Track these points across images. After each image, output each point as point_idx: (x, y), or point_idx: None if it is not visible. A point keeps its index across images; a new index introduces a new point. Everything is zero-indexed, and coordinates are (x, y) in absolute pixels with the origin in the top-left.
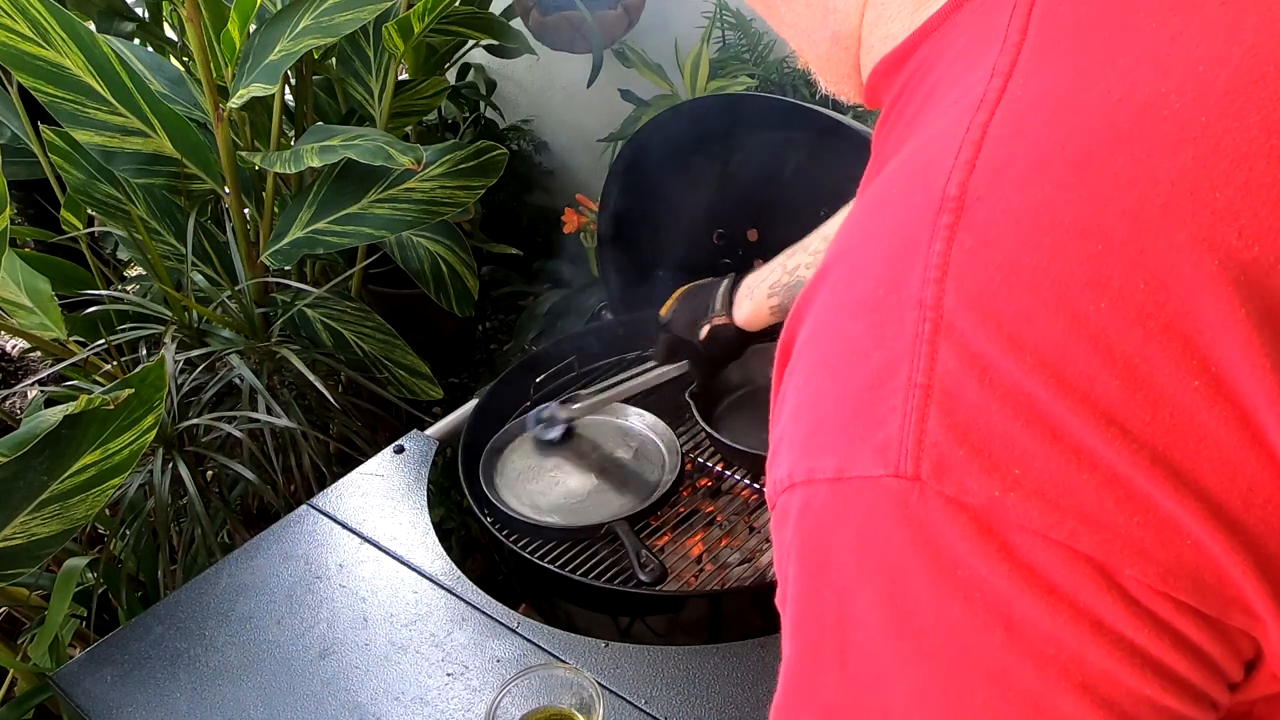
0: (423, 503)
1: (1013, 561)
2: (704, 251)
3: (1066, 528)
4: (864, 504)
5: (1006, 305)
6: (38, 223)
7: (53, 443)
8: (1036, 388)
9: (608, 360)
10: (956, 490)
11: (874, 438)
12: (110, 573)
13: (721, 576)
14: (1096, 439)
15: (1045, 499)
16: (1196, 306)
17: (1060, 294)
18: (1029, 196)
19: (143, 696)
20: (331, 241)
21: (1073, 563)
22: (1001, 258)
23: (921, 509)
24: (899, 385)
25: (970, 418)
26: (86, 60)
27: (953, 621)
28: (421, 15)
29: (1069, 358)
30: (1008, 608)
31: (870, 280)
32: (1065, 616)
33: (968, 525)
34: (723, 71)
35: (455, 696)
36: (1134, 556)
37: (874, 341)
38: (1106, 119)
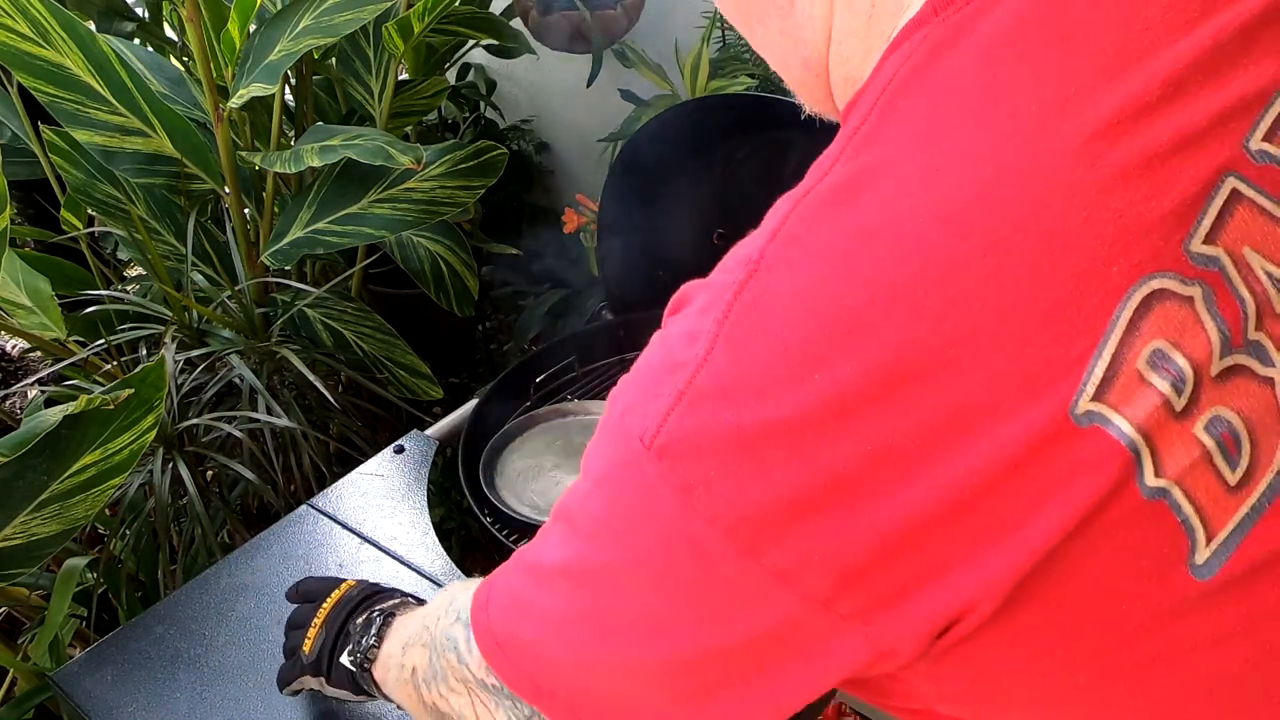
0: (423, 503)
1: (683, 530)
2: (704, 251)
3: (729, 521)
4: (620, 445)
5: (750, 360)
6: (38, 223)
7: (53, 443)
8: (748, 428)
9: (608, 360)
10: (666, 470)
11: (647, 407)
12: (110, 573)
13: None
14: (774, 470)
15: (721, 498)
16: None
17: (788, 362)
18: (796, 275)
19: (143, 696)
20: (331, 241)
21: (724, 546)
22: (760, 320)
23: (641, 471)
24: (673, 381)
25: (695, 426)
26: (86, 60)
27: (634, 544)
28: (421, 15)
29: (772, 417)
30: (669, 560)
31: (702, 302)
32: (708, 585)
33: (664, 496)
34: (723, 71)
35: None
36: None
37: (680, 344)
38: (868, 221)
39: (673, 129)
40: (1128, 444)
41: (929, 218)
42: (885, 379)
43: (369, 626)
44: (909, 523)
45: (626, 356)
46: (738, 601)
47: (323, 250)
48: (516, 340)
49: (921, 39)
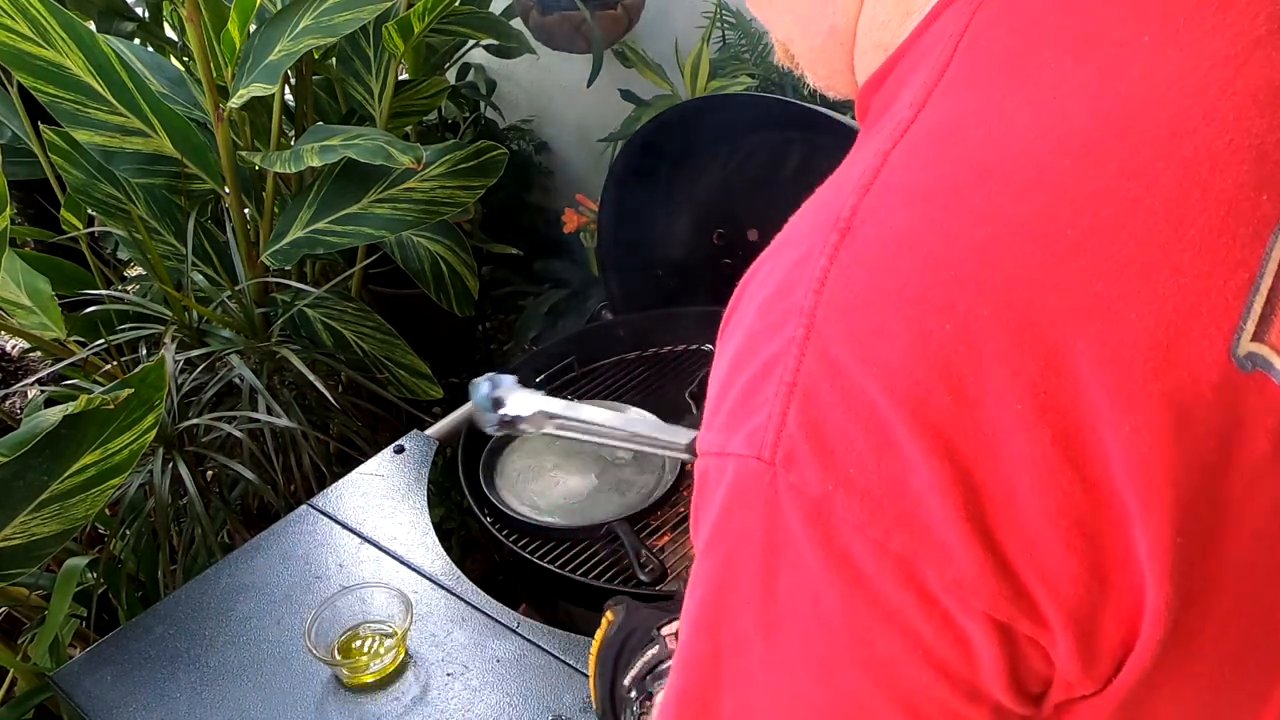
0: (423, 503)
1: (830, 548)
2: (704, 251)
3: (881, 527)
4: (732, 477)
5: (864, 319)
6: (38, 223)
7: (53, 443)
8: (878, 397)
9: (607, 360)
10: (799, 480)
11: (749, 424)
12: (110, 573)
13: None
14: (921, 451)
15: (869, 499)
16: (1031, 336)
17: (911, 314)
18: (900, 223)
19: (143, 696)
20: (331, 241)
21: (883, 559)
22: (867, 276)
23: (771, 490)
24: (774, 380)
25: (820, 417)
26: (86, 60)
27: (776, 589)
28: (421, 15)
29: (909, 372)
30: (819, 587)
31: (775, 283)
32: (866, 605)
33: (803, 511)
34: (723, 71)
35: (455, 696)
36: (937, 562)
37: (765, 338)
38: (980, 156)
39: (672, 129)
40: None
41: (1051, 148)
42: (1026, 322)
43: (629, 709)
44: (1067, 501)
45: (626, 356)
46: (898, 633)
47: (323, 250)
48: (516, 340)
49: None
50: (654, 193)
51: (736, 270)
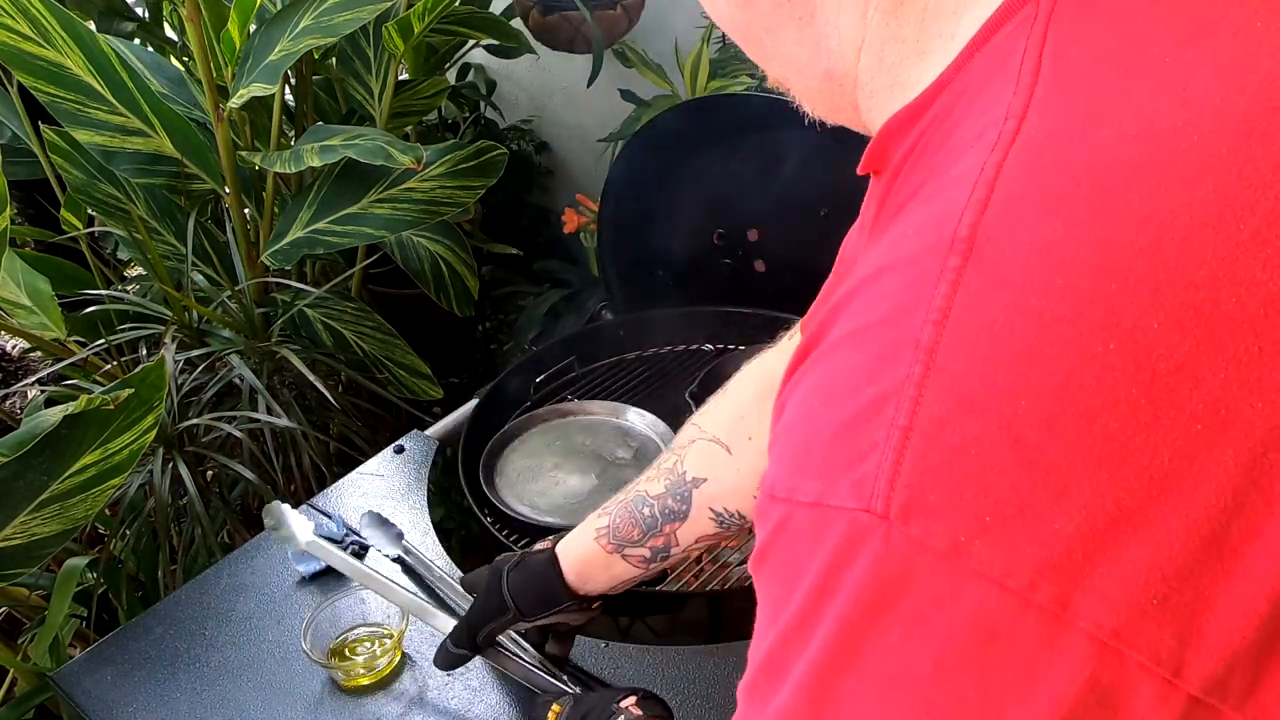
0: (423, 503)
1: (961, 605)
2: (704, 251)
3: (1026, 578)
4: (836, 533)
5: (1008, 347)
6: (38, 223)
7: (53, 443)
8: (1026, 432)
9: (608, 360)
10: (921, 533)
11: (854, 472)
12: (110, 573)
13: (721, 576)
14: (1077, 488)
15: (1011, 548)
16: (1215, 343)
17: (1068, 335)
18: (1041, 235)
19: (143, 696)
20: (331, 241)
21: (1022, 613)
22: (1008, 298)
23: (885, 546)
24: (883, 422)
25: (946, 462)
26: (86, 60)
27: (890, 650)
28: (421, 15)
29: (1066, 401)
30: (944, 646)
31: (878, 314)
32: (1002, 664)
33: (927, 567)
34: (723, 71)
35: (455, 696)
36: (1095, 610)
37: (869, 376)
38: (1122, 154)
39: (673, 129)
40: None
41: (1206, 133)
42: (1207, 330)
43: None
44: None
45: (626, 356)
46: (1046, 691)
47: (323, 250)
48: (516, 340)
49: None
50: (654, 193)
51: (736, 270)
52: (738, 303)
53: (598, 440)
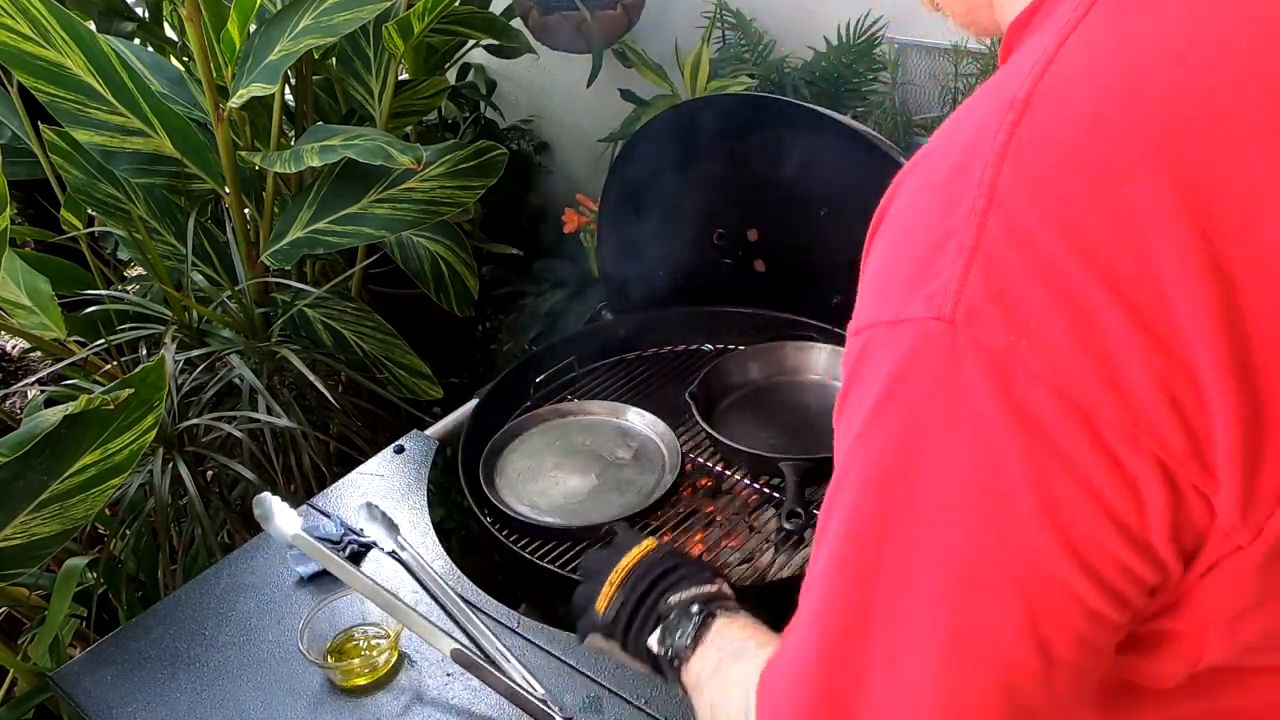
0: (423, 503)
1: (1012, 399)
2: (704, 251)
3: (1063, 376)
4: (909, 340)
5: (1052, 187)
6: (38, 223)
7: (53, 443)
8: (1064, 256)
9: (608, 360)
10: (981, 335)
11: (926, 289)
12: (110, 573)
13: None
14: (1104, 306)
15: (1052, 349)
16: (1211, 198)
17: (1098, 180)
18: (1084, 101)
19: (143, 696)
20: (331, 241)
21: (1062, 407)
22: (1055, 148)
23: (952, 347)
24: (952, 248)
25: (1003, 277)
26: (87, 60)
27: (955, 443)
28: (421, 15)
29: (1096, 234)
30: (1000, 438)
31: (947, 167)
32: (1044, 452)
33: (984, 365)
34: (723, 71)
35: (455, 696)
36: (1116, 407)
37: (941, 214)
38: (1160, 44)
39: (672, 129)
40: None
41: (1238, 30)
42: (1205, 183)
43: (685, 621)
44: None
45: (626, 356)
46: (1072, 479)
47: (323, 250)
48: (516, 340)
49: None
50: (654, 193)
51: (736, 270)
52: (738, 303)
53: (598, 440)
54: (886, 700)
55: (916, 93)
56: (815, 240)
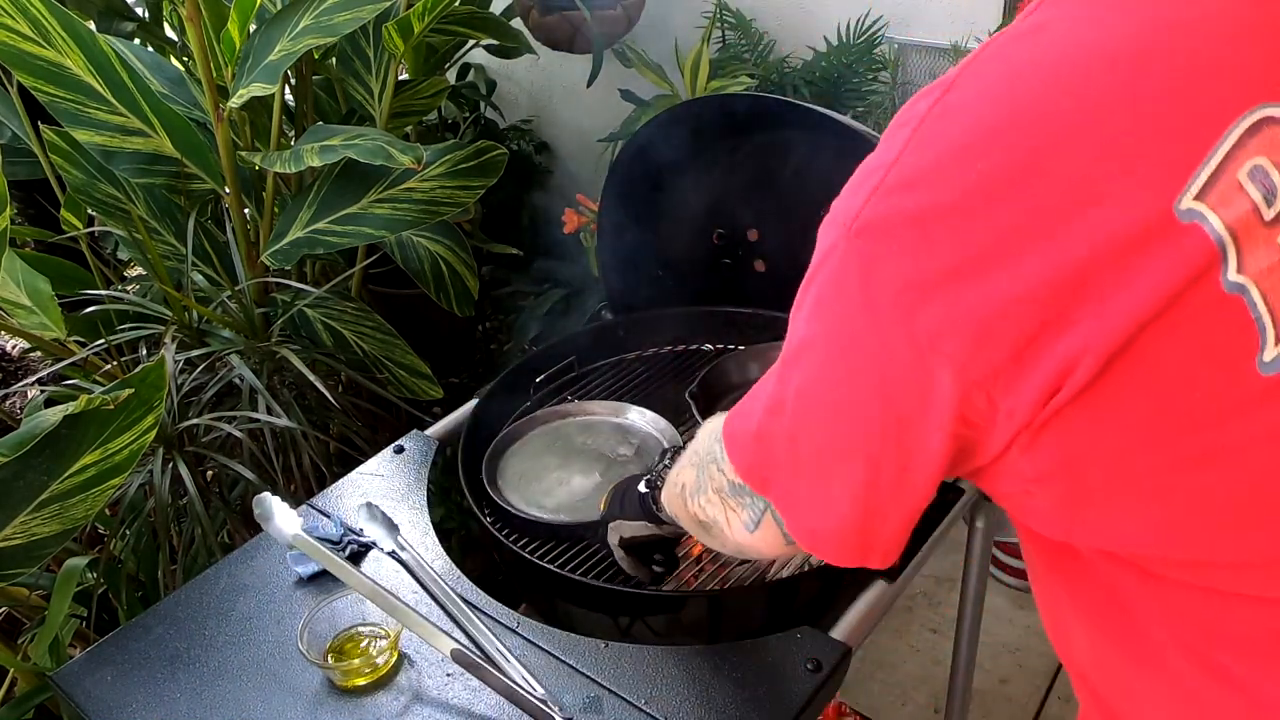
0: (423, 503)
1: (868, 292)
2: (704, 251)
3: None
4: (829, 238)
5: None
6: (38, 223)
7: (53, 443)
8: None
9: (608, 360)
10: (861, 244)
11: (850, 202)
12: (110, 573)
13: (721, 576)
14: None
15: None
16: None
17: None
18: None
19: (143, 696)
20: (331, 241)
21: (898, 304)
22: (942, 123)
23: (846, 247)
24: (875, 177)
25: (887, 208)
26: (86, 60)
27: (833, 311)
28: (421, 15)
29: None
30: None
31: (895, 123)
32: (879, 334)
33: (858, 265)
34: (723, 71)
35: (455, 696)
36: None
37: (883, 151)
38: (1036, 53)
39: (672, 129)
40: (1216, 240)
41: (1089, 53)
42: (1027, 166)
43: (663, 458)
44: (1033, 289)
45: (626, 356)
46: (899, 366)
47: (323, 250)
48: (516, 340)
49: None
50: (654, 193)
51: (736, 270)
52: (738, 303)
53: (598, 439)
54: (788, 449)
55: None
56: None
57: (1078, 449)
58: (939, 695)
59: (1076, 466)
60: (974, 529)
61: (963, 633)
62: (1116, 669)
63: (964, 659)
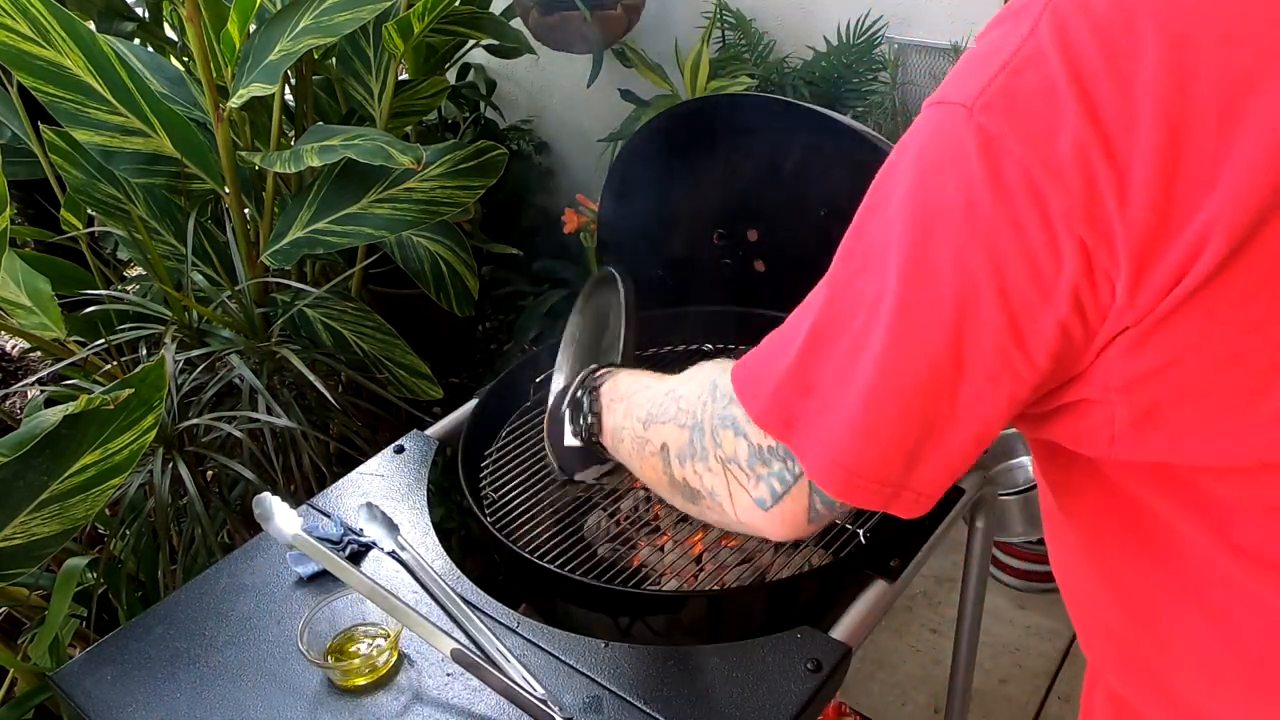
0: (423, 503)
1: (993, 169)
2: (704, 251)
3: (1032, 162)
4: (944, 115)
5: (1084, 21)
6: (38, 223)
7: (53, 443)
8: (1061, 79)
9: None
10: (986, 120)
11: (969, 84)
12: (110, 573)
13: (721, 576)
14: (1078, 115)
15: (1030, 142)
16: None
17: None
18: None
19: (143, 696)
20: (331, 241)
21: (1026, 184)
22: (1078, 4)
23: (965, 124)
24: (998, 59)
25: (1017, 84)
26: (86, 60)
27: (949, 189)
28: (421, 15)
29: (1091, 63)
30: (978, 193)
31: (1014, 9)
32: (1004, 212)
33: (981, 142)
34: (723, 71)
35: (455, 696)
36: (1061, 195)
37: (1004, 36)
38: None
39: (672, 129)
40: None
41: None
42: (1172, 39)
43: (576, 408)
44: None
45: None
46: (1024, 246)
47: (323, 250)
48: (516, 340)
49: None
50: (654, 193)
51: (736, 270)
52: (738, 303)
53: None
54: (838, 371)
55: (916, 93)
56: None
57: (1187, 347)
58: (939, 695)
59: (1179, 368)
60: (974, 529)
61: (963, 633)
62: (1148, 608)
63: (964, 659)
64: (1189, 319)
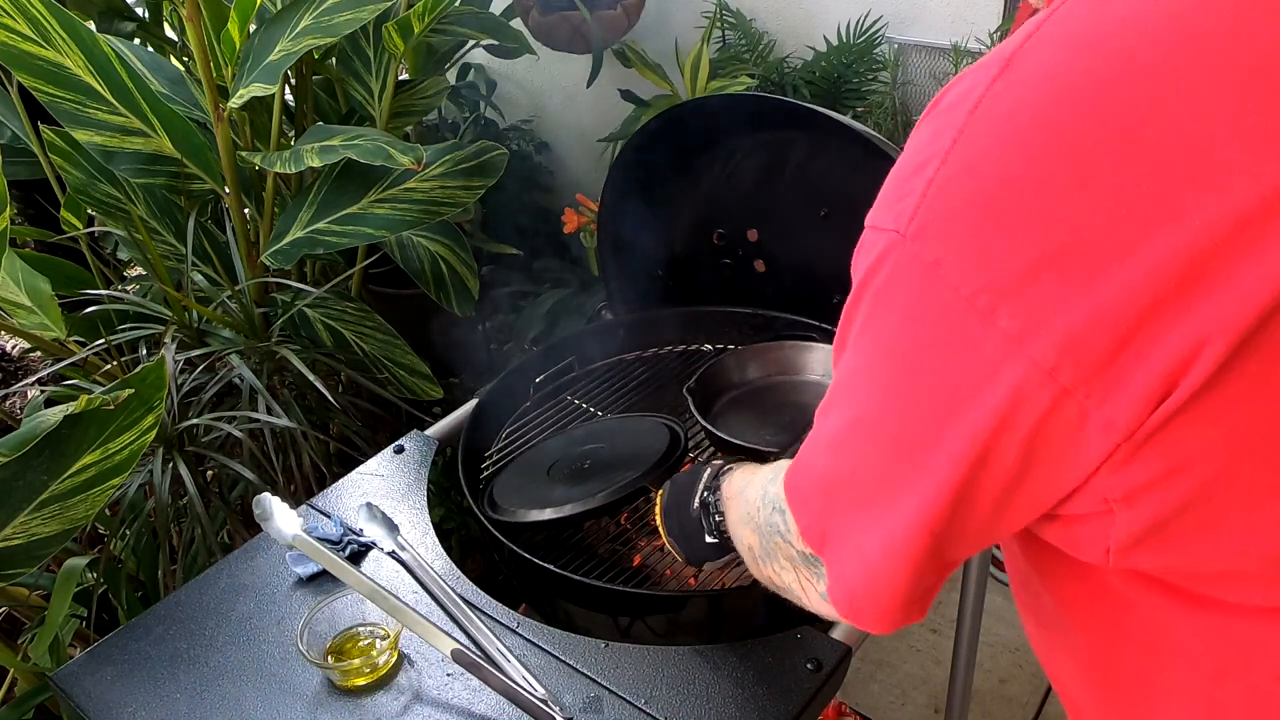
0: (423, 503)
1: (930, 300)
2: (704, 251)
3: (971, 289)
4: (881, 245)
5: (1007, 128)
6: (38, 223)
7: (53, 443)
8: (1002, 193)
9: (608, 360)
10: (919, 249)
11: (898, 206)
12: (110, 573)
13: (721, 576)
14: (1026, 233)
15: (965, 268)
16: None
17: (1040, 136)
18: (1043, 63)
19: (143, 696)
20: (331, 241)
21: (965, 312)
22: (1009, 99)
23: (901, 253)
24: (924, 176)
25: (950, 206)
26: (86, 60)
27: (892, 325)
28: (421, 15)
29: (1034, 177)
30: (920, 327)
31: (944, 105)
32: (944, 345)
33: (918, 272)
34: (723, 71)
35: (455, 696)
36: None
37: (925, 145)
38: (1108, 18)
39: (672, 129)
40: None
41: (1164, 16)
42: (1127, 142)
43: (707, 509)
44: (1142, 277)
45: (626, 357)
46: (976, 371)
47: (323, 250)
48: (516, 340)
49: None
50: (654, 193)
51: (736, 270)
52: (738, 303)
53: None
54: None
55: (916, 93)
56: (815, 240)
57: (1187, 458)
58: (939, 695)
59: (1181, 479)
60: None
61: (963, 633)
62: (1131, 699)
63: (964, 659)
64: (1189, 427)
